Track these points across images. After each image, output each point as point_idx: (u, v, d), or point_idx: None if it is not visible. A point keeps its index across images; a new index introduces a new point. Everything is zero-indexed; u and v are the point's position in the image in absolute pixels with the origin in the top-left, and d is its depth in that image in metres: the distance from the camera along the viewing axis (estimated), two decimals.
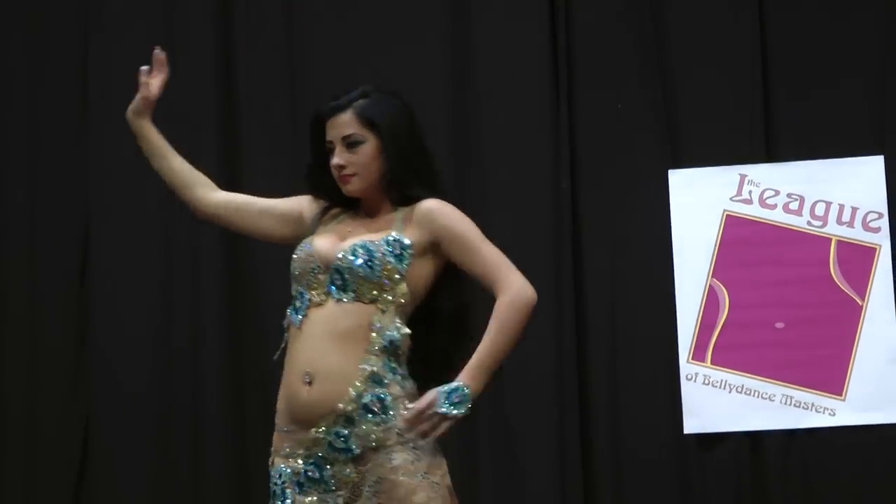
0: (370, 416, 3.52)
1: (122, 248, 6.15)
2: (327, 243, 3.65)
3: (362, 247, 3.60)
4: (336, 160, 3.63)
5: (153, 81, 3.84)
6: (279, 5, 6.04)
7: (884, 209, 5.77)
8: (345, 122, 3.64)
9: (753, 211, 5.64)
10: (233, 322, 6.01)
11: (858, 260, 5.80)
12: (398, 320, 3.57)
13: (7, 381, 6.03)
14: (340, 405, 3.51)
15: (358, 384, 3.53)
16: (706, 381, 5.59)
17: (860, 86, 5.92)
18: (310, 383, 3.55)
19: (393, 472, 3.52)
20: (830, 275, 5.75)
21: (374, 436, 3.53)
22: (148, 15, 6.09)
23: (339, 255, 3.59)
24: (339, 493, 3.57)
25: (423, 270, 3.61)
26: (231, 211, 3.85)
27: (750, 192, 5.67)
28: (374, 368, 3.55)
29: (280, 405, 3.61)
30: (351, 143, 3.64)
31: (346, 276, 3.57)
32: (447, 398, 3.41)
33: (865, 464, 5.74)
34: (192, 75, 6.04)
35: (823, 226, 5.79)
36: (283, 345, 3.65)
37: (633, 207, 5.68)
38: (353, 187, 3.65)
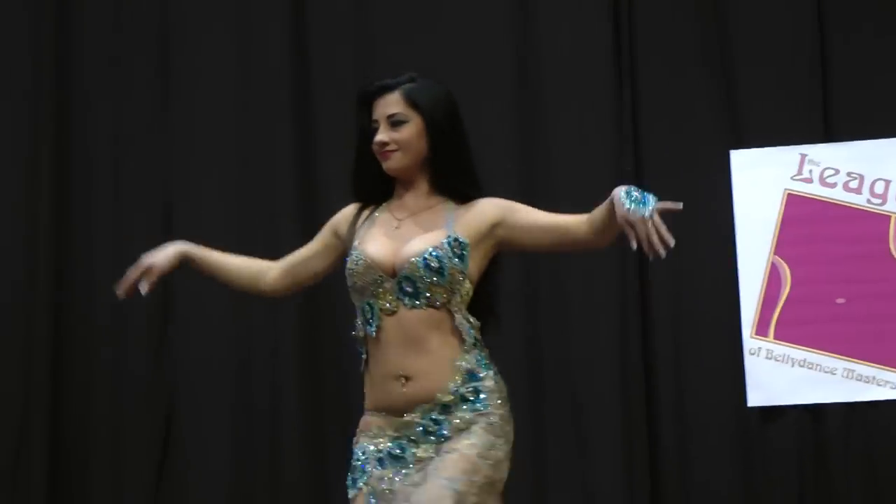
0: (465, 405, 3.60)
1: (203, 236, 6.12)
2: (384, 249, 3.67)
3: (433, 255, 3.63)
4: (379, 137, 3.64)
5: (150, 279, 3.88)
6: (350, 2, 6.10)
7: None
8: (391, 102, 3.65)
9: (814, 189, 5.65)
10: (309, 307, 5.99)
11: None
12: (468, 315, 3.62)
13: (93, 371, 6.06)
14: (439, 395, 3.58)
15: (457, 379, 3.61)
16: (769, 356, 5.60)
17: None
18: (405, 382, 3.61)
19: (470, 448, 3.58)
20: (890, 251, 5.74)
21: (465, 419, 3.60)
22: (224, 13, 6.17)
23: (409, 264, 3.61)
24: (415, 467, 3.61)
25: (477, 264, 3.65)
26: (290, 279, 3.86)
27: (810, 172, 5.68)
28: (469, 365, 3.61)
29: (371, 395, 3.66)
30: (395, 122, 3.66)
31: (419, 284, 3.59)
32: (632, 201, 3.35)
33: None
34: (267, 70, 6.13)
35: (883, 203, 5.77)
36: (364, 356, 3.66)
37: (697, 187, 5.66)
38: (393, 163, 3.66)
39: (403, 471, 3.62)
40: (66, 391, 6.04)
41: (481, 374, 3.60)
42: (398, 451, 3.63)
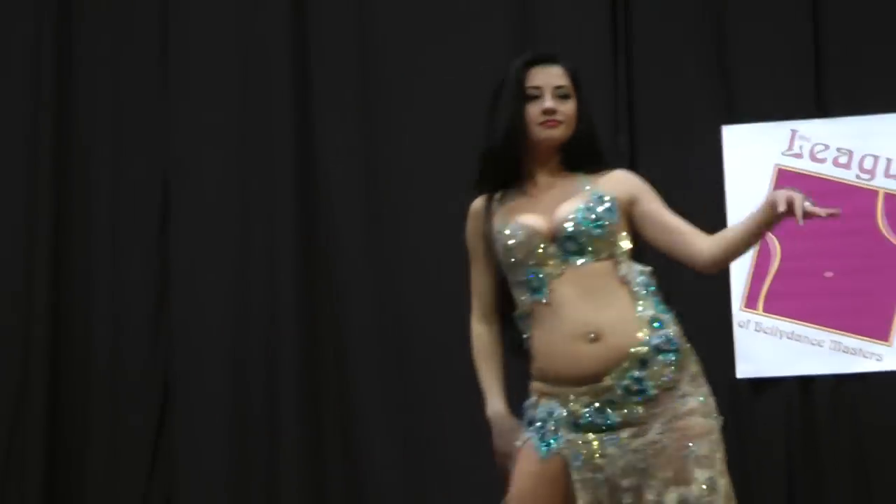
0: (661, 355, 3.57)
1: (201, 214, 6.25)
2: (537, 218, 3.66)
3: (586, 209, 3.63)
4: (549, 104, 3.64)
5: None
6: None
7: None
8: (556, 74, 3.67)
9: (804, 165, 5.69)
10: (308, 282, 6.09)
11: None
12: (636, 264, 3.65)
13: (94, 344, 6.10)
14: (632, 350, 3.56)
15: (645, 329, 3.58)
16: (758, 328, 5.65)
17: None
18: (595, 340, 3.57)
19: (689, 414, 3.57)
20: (878, 226, 5.78)
21: (668, 375, 3.58)
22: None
23: (569, 222, 3.61)
24: (623, 431, 3.59)
25: (625, 222, 3.67)
26: (497, 313, 3.80)
27: (801, 147, 5.72)
28: (650, 312, 3.60)
29: (551, 365, 3.60)
30: (562, 95, 3.66)
31: (581, 239, 3.60)
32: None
33: None
34: (265, 53, 6.18)
35: (871, 179, 5.81)
36: (528, 332, 3.64)
37: (688, 161, 5.72)
38: (558, 133, 3.65)
39: (612, 436, 3.59)
40: (62, 378, 6.11)
41: (664, 319, 3.60)
42: (599, 417, 3.61)
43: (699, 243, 3.61)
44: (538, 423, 3.61)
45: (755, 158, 5.71)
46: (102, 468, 6.04)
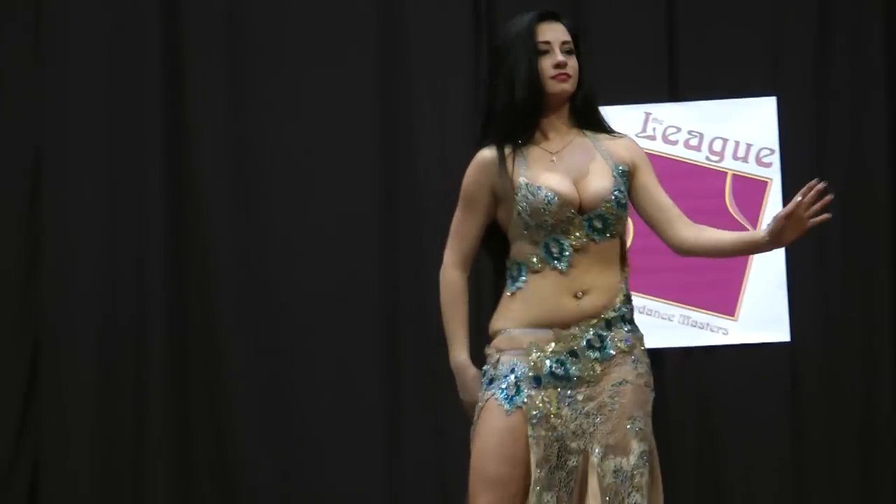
0: (624, 324, 3.71)
1: (72, 183, 6.22)
2: (569, 186, 3.71)
3: (621, 192, 3.73)
4: (561, 58, 3.70)
5: None
6: None
7: (775, 146, 6.04)
8: (562, 31, 3.74)
9: (657, 146, 5.86)
10: (177, 251, 6.15)
11: (751, 192, 6.03)
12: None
13: None
14: (606, 312, 3.68)
15: (620, 299, 3.72)
16: None
17: (757, 32, 6.16)
18: (580, 297, 3.69)
19: (639, 378, 3.72)
20: (726, 206, 5.99)
21: (626, 340, 3.71)
22: None
23: (605, 204, 3.69)
24: (579, 390, 3.69)
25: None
26: (469, 265, 3.84)
27: (654, 129, 5.90)
28: (626, 289, 3.75)
29: (531, 313, 3.67)
30: (568, 51, 3.73)
31: (609, 220, 3.71)
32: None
33: (754, 377, 6.07)
34: (141, 33, 6.18)
35: (720, 161, 6.01)
36: (522, 281, 3.68)
37: None
38: (569, 86, 3.71)
39: (568, 393, 3.70)
40: None
41: (631, 299, 3.76)
42: (559, 368, 3.71)
43: (684, 230, 3.75)
44: (502, 380, 3.69)
45: None
46: None
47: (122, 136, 6.29)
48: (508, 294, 3.78)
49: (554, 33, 3.72)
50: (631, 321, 3.76)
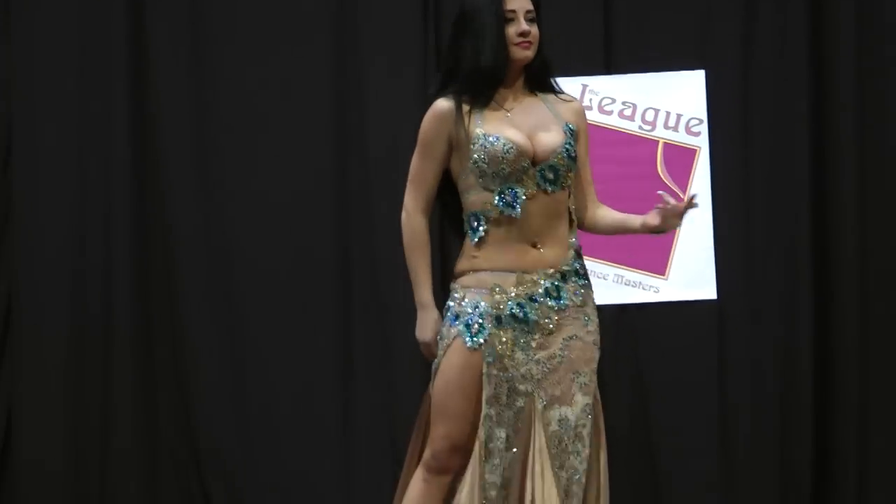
0: (577, 278, 3.86)
1: (41, 150, 6.31)
2: (524, 138, 3.81)
3: (568, 145, 3.83)
4: (525, 27, 3.80)
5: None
6: None
7: (704, 116, 6.13)
8: (528, 0, 3.84)
9: (593, 116, 5.93)
10: (140, 209, 6.26)
11: (681, 159, 6.13)
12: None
13: None
14: (561, 264, 3.83)
15: (571, 253, 3.86)
16: None
17: (687, 10, 6.23)
18: (538, 247, 3.82)
19: (588, 335, 3.87)
20: (658, 172, 6.11)
21: (579, 293, 3.86)
22: None
23: (556, 155, 3.81)
24: (535, 335, 3.81)
25: None
26: (429, 210, 3.95)
27: (590, 100, 6.02)
28: (577, 244, 3.90)
29: (496, 257, 3.80)
30: (531, 19, 3.82)
31: (560, 171, 3.83)
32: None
33: (683, 332, 6.18)
34: (107, 7, 6.26)
35: (652, 130, 6.13)
36: (483, 231, 3.80)
37: None
38: (530, 52, 3.82)
39: (523, 340, 3.80)
40: None
41: (581, 253, 3.90)
42: (519, 311, 3.81)
43: (592, 208, 3.99)
44: (466, 317, 3.80)
45: None
46: None
47: (90, 114, 6.32)
48: (472, 243, 3.86)
49: (519, 2, 3.81)
50: (584, 276, 3.89)
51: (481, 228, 3.82)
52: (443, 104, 3.85)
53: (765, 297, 6.24)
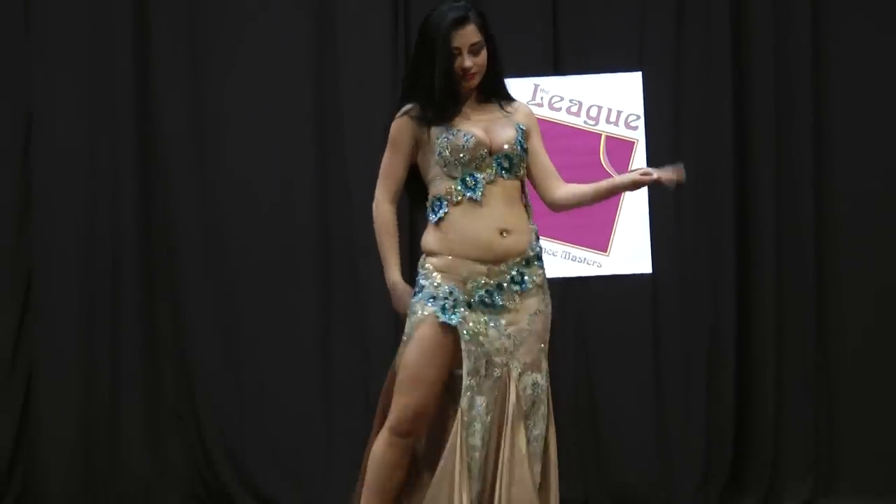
0: (537, 262, 4.05)
1: (57, 143, 6.56)
2: (482, 132, 3.96)
3: (520, 138, 3.99)
4: (468, 63, 3.93)
5: None
6: None
7: (641, 112, 6.16)
8: (471, 32, 3.95)
9: (544, 112, 6.03)
10: (144, 192, 6.52)
11: (621, 150, 6.15)
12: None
13: None
14: (527, 250, 3.99)
15: (533, 238, 4.02)
16: None
17: (626, 18, 6.49)
18: (505, 235, 3.95)
19: (547, 308, 4.05)
20: (601, 161, 6.19)
21: (538, 276, 4.02)
22: None
23: (509, 145, 3.97)
24: (503, 316, 3.95)
25: None
26: (400, 194, 4.08)
27: (541, 98, 6.09)
28: (535, 230, 4.07)
29: (461, 244, 3.92)
30: (475, 51, 3.94)
31: (514, 160, 3.99)
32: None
33: (623, 303, 6.46)
34: (112, 12, 6.51)
35: (596, 124, 6.17)
36: (443, 212, 3.94)
37: None
38: (475, 82, 3.96)
39: (493, 322, 3.93)
40: None
41: (539, 238, 4.06)
42: (488, 298, 3.95)
43: (557, 188, 4.10)
44: (441, 301, 3.93)
45: None
46: None
47: (99, 111, 6.57)
48: (433, 222, 4.02)
49: (462, 39, 3.94)
50: (541, 258, 4.08)
51: (443, 210, 3.96)
52: (409, 109, 4.02)
53: (693, 270, 6.47)
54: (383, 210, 4.07)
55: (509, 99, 4.12)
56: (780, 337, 6.51)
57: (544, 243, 5.62)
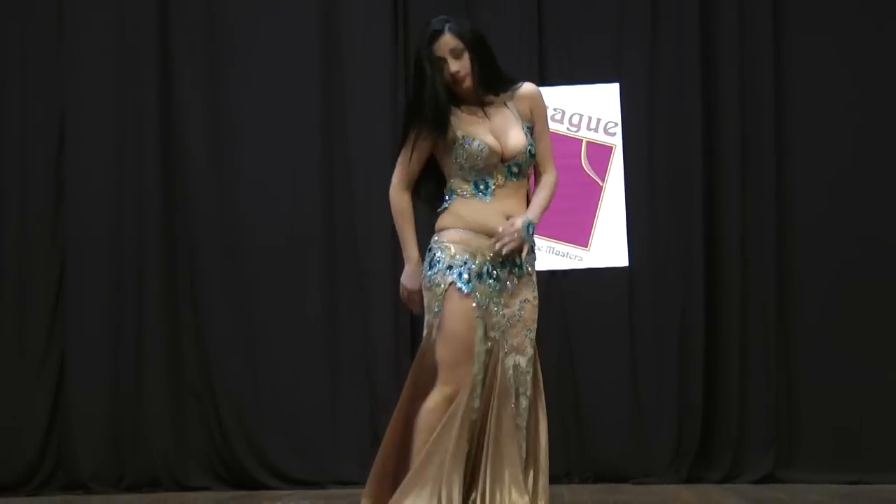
0: (532, 252, 4.10)
1: (88, 143, 6.91)
2: (494, 140, 4.01)
3: (529, 144, 4.04)
4: (453, 67, 3.99)
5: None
6: None
7: (618, 120, 6.58)
8: (448, 40, 4.01)
9: None
10: (167, 188, 6.84)
11: (600, 154, 6.60)
12: None
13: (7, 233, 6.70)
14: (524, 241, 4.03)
15: (531, 230, 4.05)
16: None
17: (605, 34, 6.77)
18: (509, 219, 4.02)
19: (535, 299, 4.11)
20: (581, 164, 6.59)
21: (532, 265, 4.11)
22: None
23: (520, 154, 4.03)
24: (502, 294, 4.04)
25: None
26: (414, 181, 4.13)
27: None
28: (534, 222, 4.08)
29: (475, 220, 3.99)
30: (457, 56, 4.00)
31: (523, 165, 4.06)
32: (528, 230, 3.99)
33: (602, 292, 6.72)
34: (139, 26, 6.87)
35: (577, 131, 6.61)
36: (456, 197, 4.00)
37: None
38: (466, 83, 4.02)
39: (495, 296, 4.01)
40: None
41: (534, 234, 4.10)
42: (493, 271, 4.03)
43: (536, 176, 4.17)
44: (458, 268, 4.02)
45: None
46: (10, 327, 6.78)
47: (126, 113, 6.91)
48: (447, 203, 4.11)
49: (442, 47, 4.02)
50: (534, 251, 4.13)
51: (451, 200, 4.09)
52: (420, 126, 4.10)
53: (666, 263, 6.71)
54: (400, 197, 4.16)
55: (511, 86, 4.14)
56: (745, 324, 6.72)
57: None
